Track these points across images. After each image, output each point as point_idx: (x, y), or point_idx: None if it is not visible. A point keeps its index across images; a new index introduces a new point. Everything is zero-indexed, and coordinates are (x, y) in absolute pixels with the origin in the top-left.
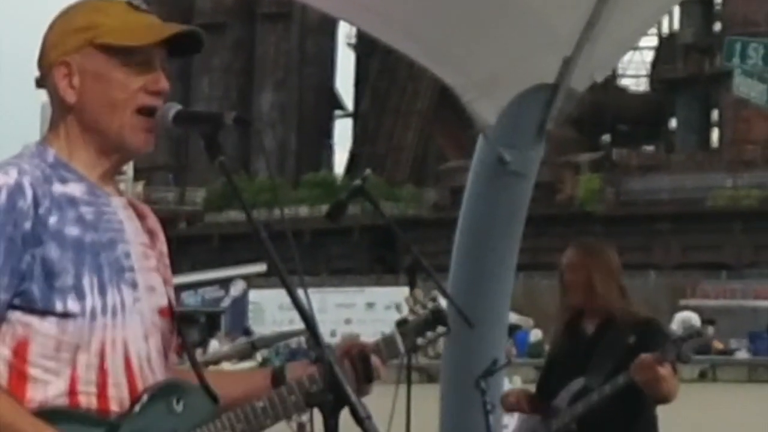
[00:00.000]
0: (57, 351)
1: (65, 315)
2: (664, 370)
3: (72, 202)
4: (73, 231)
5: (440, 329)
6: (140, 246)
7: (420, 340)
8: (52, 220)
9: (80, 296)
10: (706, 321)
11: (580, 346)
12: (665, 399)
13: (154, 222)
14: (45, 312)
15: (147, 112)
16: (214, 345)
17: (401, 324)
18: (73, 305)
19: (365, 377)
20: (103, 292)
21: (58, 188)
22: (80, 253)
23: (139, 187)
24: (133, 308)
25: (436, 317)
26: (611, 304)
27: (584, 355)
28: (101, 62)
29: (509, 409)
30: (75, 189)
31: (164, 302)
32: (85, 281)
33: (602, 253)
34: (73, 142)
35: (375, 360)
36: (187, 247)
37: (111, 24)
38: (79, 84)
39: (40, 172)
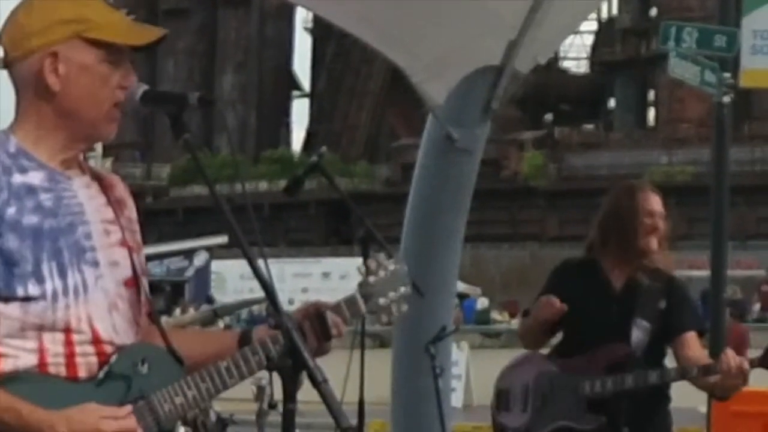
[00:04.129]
0: (22, 331)
1: (27, 299)
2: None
3: (31, 190)
4: (31, 219)
5: (402, 290)
6: (101, 224)
7: (382, 301)
8: (10, 211)
9: (40, 281)
10: None
11: (610, 302)
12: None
13: (122, 190)
14: (8, 298)
15: (118, 105)
16: (178, 312)
17: (363, 285)
18: (33, 290)
19: (323, 335)
20: (63, 274)
21: (17, 178)
22: (39, 240)
23: (108, 163)
24: (96, 286)
25: (398, 278)
26: (645, 259)
27: (617, 315)
28: (88, 55)
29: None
30: (34, 177)
31: (128, 274)
32: (44, 267)
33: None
34: (44, 128)
35: (333, 317)
36: (153, 220)
37: (98, 20)
38: (64, 73)
39: None
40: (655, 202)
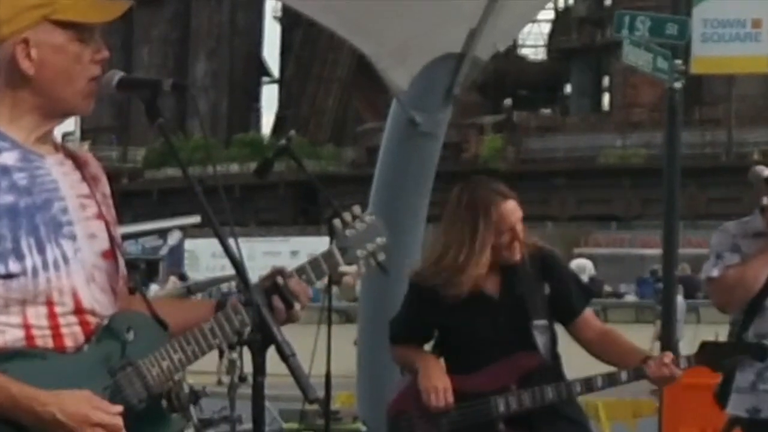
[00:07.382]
0: (6, 307)
1: (8, 276)
2: (678, 371)
3: (5, 171)
4: (7, 199)
5: (379, 240)
6: (78, 198)
7: (360, 252)
8: None
9: (20, 258)
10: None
11: (495, 316)
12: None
13: (96, 167)
14: None
15: (95, 80)
16: (154, 289)
17: (340, 239)
18: (14, 266)
19: (286, 305)
20: (41, 250)
21: None
22: (16, 218)
23: (85, 146)
24: (75, 258)
25: (375, 229)
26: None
27: (510, 326)
28: (58, 36)
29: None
30: (8, 158)
31: (106, 246)
32: (23, 243)
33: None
34: (20, 108)
35: (294, 285)
36: (129, 201)
37: (64, 2)
38: (37, 57)
39: None
40: (512, 213)
